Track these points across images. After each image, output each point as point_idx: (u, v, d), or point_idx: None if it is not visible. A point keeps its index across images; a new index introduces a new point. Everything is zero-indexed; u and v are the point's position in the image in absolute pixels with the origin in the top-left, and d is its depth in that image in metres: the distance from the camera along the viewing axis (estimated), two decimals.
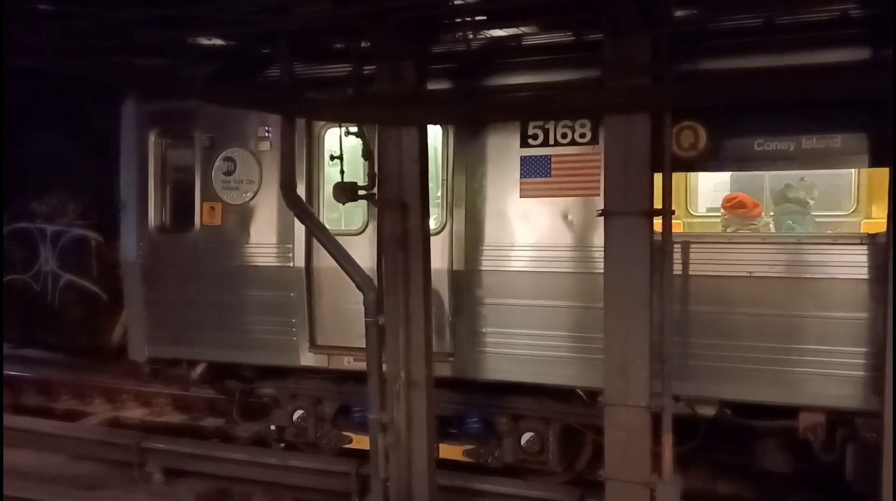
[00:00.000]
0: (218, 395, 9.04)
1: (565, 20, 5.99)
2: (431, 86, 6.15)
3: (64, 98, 9.98)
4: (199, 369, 8.04)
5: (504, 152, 6.70)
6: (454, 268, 6.89)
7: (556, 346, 6.57)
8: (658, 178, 5.26)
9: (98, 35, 6.04)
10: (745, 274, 6.05)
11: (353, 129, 6.20)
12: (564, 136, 6.50)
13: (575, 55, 6.28)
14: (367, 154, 6.25)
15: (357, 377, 7.09)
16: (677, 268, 5.94)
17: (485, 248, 6.76)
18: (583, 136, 6.43)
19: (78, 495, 7.19)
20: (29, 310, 10.46)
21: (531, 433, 7.04)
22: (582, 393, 6.71)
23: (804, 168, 6.71)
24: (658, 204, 5.25)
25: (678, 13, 5.54)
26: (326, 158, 7.17)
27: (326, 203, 7.34)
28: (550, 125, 6.52)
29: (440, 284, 6.71)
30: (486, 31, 6.45)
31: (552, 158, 6.57)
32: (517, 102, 6.14)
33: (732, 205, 7.63)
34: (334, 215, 7.60)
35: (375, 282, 6.02)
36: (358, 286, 6.04)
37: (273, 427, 7.97)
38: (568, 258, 6.53)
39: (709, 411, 6.34)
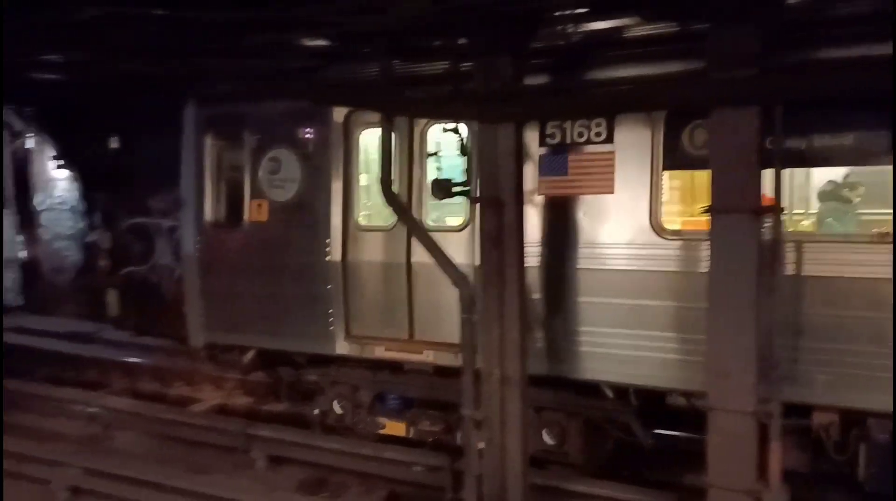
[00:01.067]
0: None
1: (670, 10, 5.80)
2: (528, 82, 6.09)
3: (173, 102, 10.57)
4: (249, 355, 8.54)
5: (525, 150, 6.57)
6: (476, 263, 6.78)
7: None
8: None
9: (203, 37, 6.32)
10: (865, 275, 5.68)
11: (451, 126, 6.23)
12: (580, 135, 6.59)
13: (675, 47, 6.07)
14: (463, 151, 6.27)
15: (391, 367, 7.68)
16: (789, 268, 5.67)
17: None
18: (598, 135, 6.45)
19: (188, 477, 7.53)
20: (146, 301, 11.08)
21: (552, 426, 7.14)
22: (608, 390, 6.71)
23: (857, 165, 6.37)
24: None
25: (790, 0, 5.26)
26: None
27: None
28: (568, 125, 6.60)
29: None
30: (585, 25, 6.33)
31: (569, 157, 6.66)
32: (615, 96, 6.00)
33: None
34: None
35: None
36: (454, 283, 6.06)
37: (316, 412, 8.38)
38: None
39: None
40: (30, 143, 16.11)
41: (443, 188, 6.33)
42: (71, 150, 15.91)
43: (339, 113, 7.60)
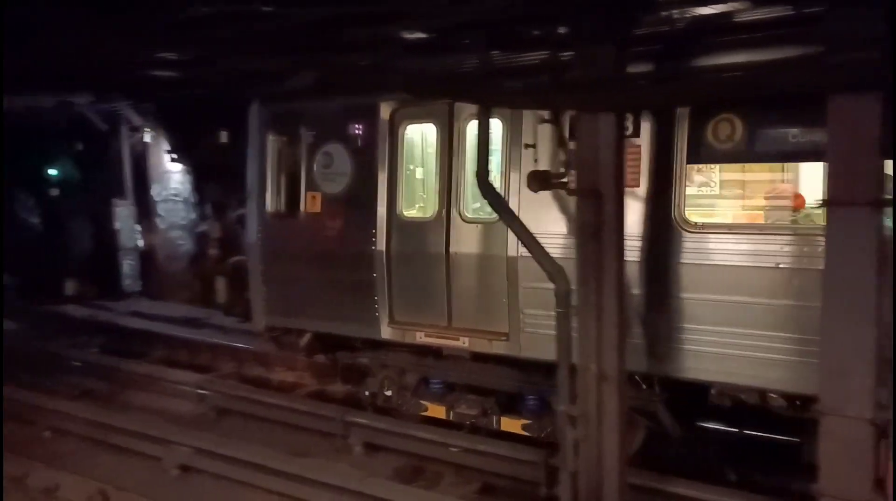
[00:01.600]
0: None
1: None
2: (631, 70, 5.92)
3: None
4: (306, 338, 9.02)
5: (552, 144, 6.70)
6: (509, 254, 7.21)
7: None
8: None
9: (302, 33, 6.47)
10: None
11: (548, 116, 6.14)
12: None
13: (787, 31, 5.75)
14: (561, 142, 6.17)
15: (433, 352, 8.09)
16: None
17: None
18: (626, 128, 6.20)
19: (289, 460, 7.78)
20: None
21: None
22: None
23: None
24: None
25: None
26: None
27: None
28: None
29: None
30: (691, 10, 6.09)
31: None
32: (723, 83, 5.75)
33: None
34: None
35: None
36: (550, 277, 5.98)
37: (367, 393, 8.86)
38: None
39: None
40: (147, 137, 17.02)
41: (539, 180, 6.25)
42: (184, 144, 16.76)
43: (385, 110, 8.00)
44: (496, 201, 6.29)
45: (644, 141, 6.37)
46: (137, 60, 10.18)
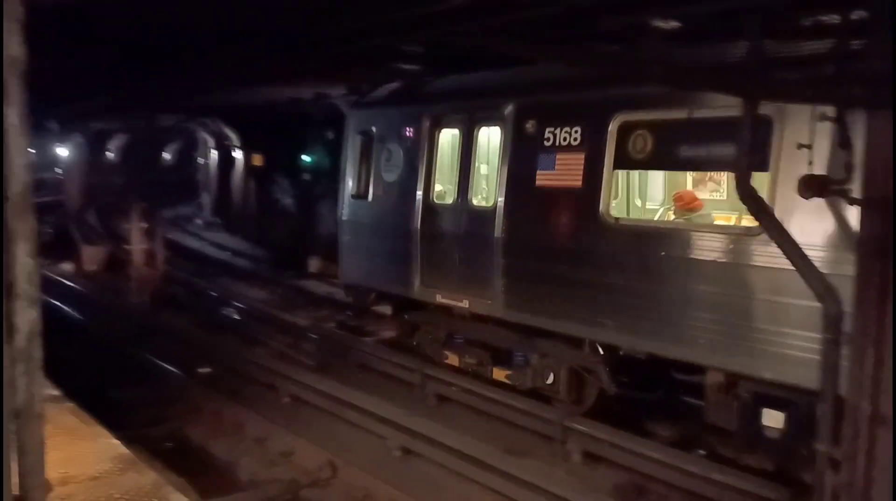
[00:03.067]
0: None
1: None
2: None
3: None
4: (372, 295, 11.49)
5: (530, 149, 8.66)
6: (496, 236, 9.12)
7: None
8: None
9: (555, 23, 6.24)
10: None
11: (831, 113, 5.36)
12: (564, 139, 8.25)
13: None
14: (844, 142, 5.37)
15: (450, 311, 9.91)
16: None
17: None
18: (576, 139, 8.15)
19: (506, 459, 7.66)
20: None
21: (548, 369, 8.86)
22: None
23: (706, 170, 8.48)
24: None
25: None
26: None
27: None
28: (557, 130, 8.30)
29: None
30: None
31: (557, 155, 8.35)
32: None
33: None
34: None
35: None
36: (818, 296, 5.24)
37: (415, 343, 10.83)
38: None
39: None
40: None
41: (813, 186, 5.48)
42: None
43: (426, 118, 10.06)
44: (758, 206, 5.63)
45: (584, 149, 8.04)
46: (387, 53, 10.64)
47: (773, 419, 6.60)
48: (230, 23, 8.91)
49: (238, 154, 26.86)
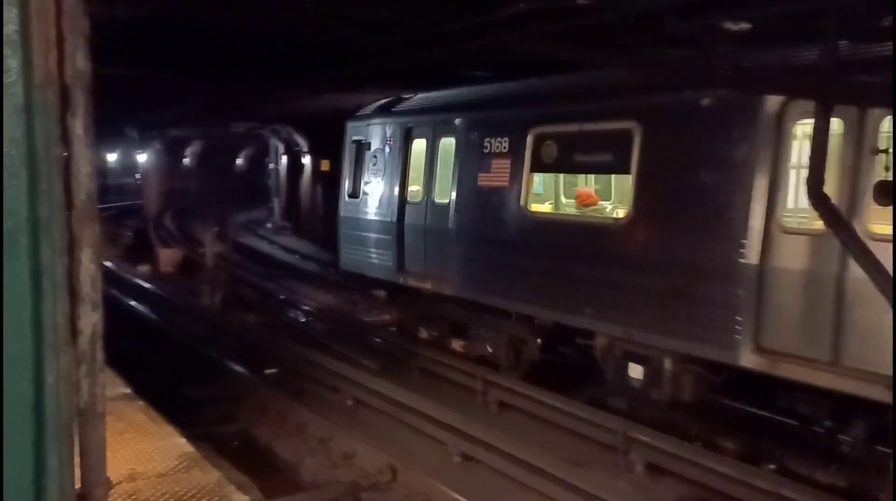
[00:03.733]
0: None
1: None
2: None
3: None
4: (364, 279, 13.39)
5: (474, 155, 10.60)
6: (449, 226, 11.38)
7: None
8: None
9: (627, 28, 6.15)
10: None
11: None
12: (497, 146, 10.16)
13: None
14: None
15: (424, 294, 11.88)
16: None
17: None
18: (504, 147, 10.10)
19: (567, 469, 7.55)
20: None
21: (492, 340, 10.79)
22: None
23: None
24: None
25: None
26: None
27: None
28: (493, 140, 10.25)
29: None
30: None
31: (493, 160, 10.29)
32: None
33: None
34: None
35: None
36: (892, 304, 5.00)
37: (399, 322, 13.37)
38: None
39: None
40: None
41: (890, 192, 5.24)
42: None
43: (405, 129, 12.04)
44: (831, 214, 5.41)
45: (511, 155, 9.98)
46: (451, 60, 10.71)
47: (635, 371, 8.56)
48: (301, 34, 9.14)
49: (307, 160, 27.43)
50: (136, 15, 7.06)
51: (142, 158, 34.58)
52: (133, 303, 16.81)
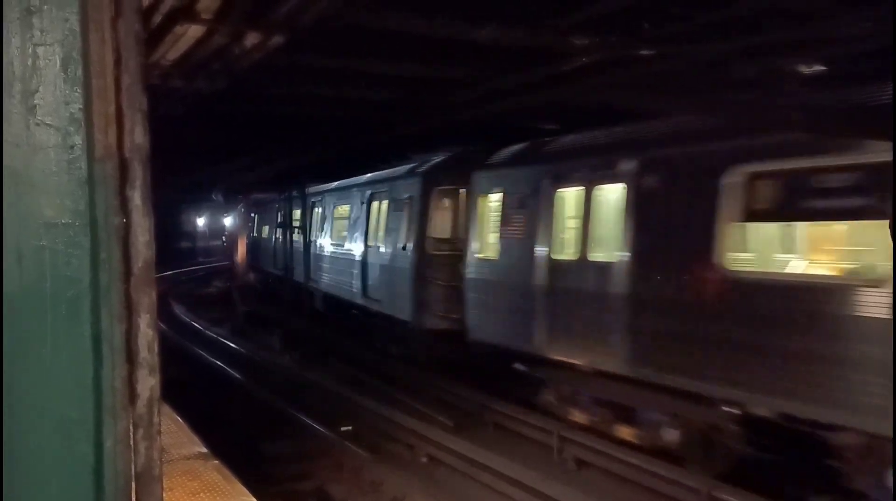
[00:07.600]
0: None
1: None
2: None
3: None
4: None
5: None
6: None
7: None
8: None
9: (690, 72, 6.08)
10: None
11: None
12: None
13: None
14: None
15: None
16: None
17: None
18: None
19: None
20: None
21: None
22: None
23: None
24: None
25: None
26: None
27: None
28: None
29: None
30: None
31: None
32: None
33: None
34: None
35: None
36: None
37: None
38: None
39: None
40: None
41: None
42: None
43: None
44: None
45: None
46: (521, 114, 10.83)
47: None
48: (371, 98, 9.48)
49: None
50: (215, 88, 7.46)
51: (228, 221, 36.00)
52: (216, 361, 17.31)
